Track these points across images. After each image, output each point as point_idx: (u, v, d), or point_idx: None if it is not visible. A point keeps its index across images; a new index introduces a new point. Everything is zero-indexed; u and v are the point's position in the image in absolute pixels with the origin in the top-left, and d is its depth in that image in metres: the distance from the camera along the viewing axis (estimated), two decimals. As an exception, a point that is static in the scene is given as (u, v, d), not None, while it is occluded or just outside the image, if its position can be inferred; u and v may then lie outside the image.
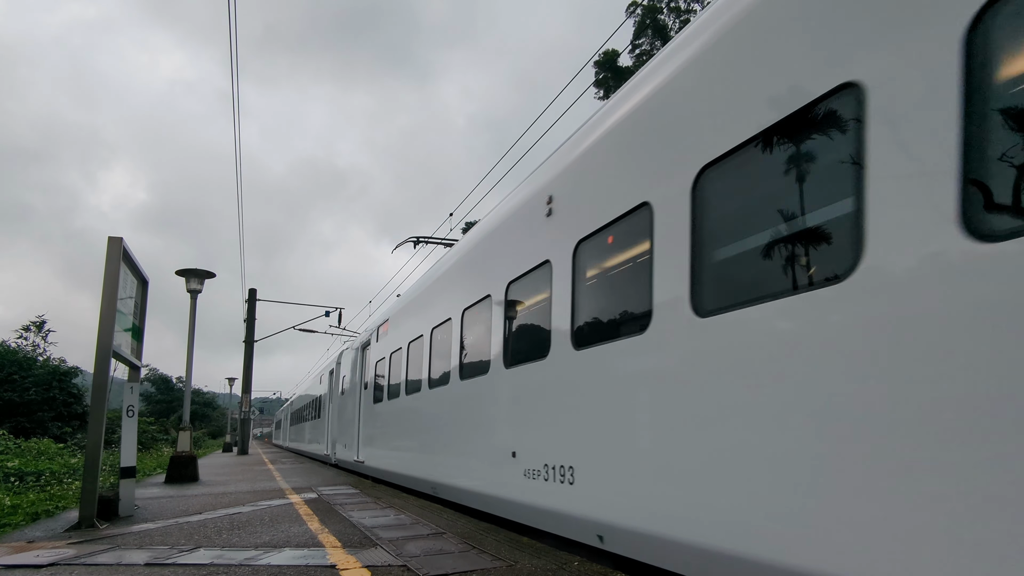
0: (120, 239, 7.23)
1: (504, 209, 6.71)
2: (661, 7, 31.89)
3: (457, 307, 7.72)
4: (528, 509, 5.34)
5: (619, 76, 30.37)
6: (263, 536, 5.97)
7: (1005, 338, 2.10)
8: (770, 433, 2.95)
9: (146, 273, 8.50)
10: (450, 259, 8.68)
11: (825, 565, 2.63)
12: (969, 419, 2.17)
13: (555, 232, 5.25)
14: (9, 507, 7.82)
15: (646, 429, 3.89)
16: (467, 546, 5.20)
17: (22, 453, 15.31)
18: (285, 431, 43.74)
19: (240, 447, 29.19)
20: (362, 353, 14.75)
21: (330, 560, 4.77)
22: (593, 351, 4.53)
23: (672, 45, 4.18)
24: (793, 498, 2.81)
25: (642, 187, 4.11)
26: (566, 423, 4.80)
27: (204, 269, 14.13)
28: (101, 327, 6.94)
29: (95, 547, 5.55)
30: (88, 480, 6.81)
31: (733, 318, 3.24)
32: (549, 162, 5.77)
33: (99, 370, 6.90)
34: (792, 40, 3.05)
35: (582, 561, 4.58)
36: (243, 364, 28.93)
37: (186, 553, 5.17)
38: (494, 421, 6.29)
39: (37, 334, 29.10)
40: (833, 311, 2.70)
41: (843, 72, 2.75)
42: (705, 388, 3.40)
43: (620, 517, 4.03)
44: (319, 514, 7.45)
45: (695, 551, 3.37)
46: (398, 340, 10.83)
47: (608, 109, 4.86)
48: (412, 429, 9.46)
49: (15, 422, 22.91)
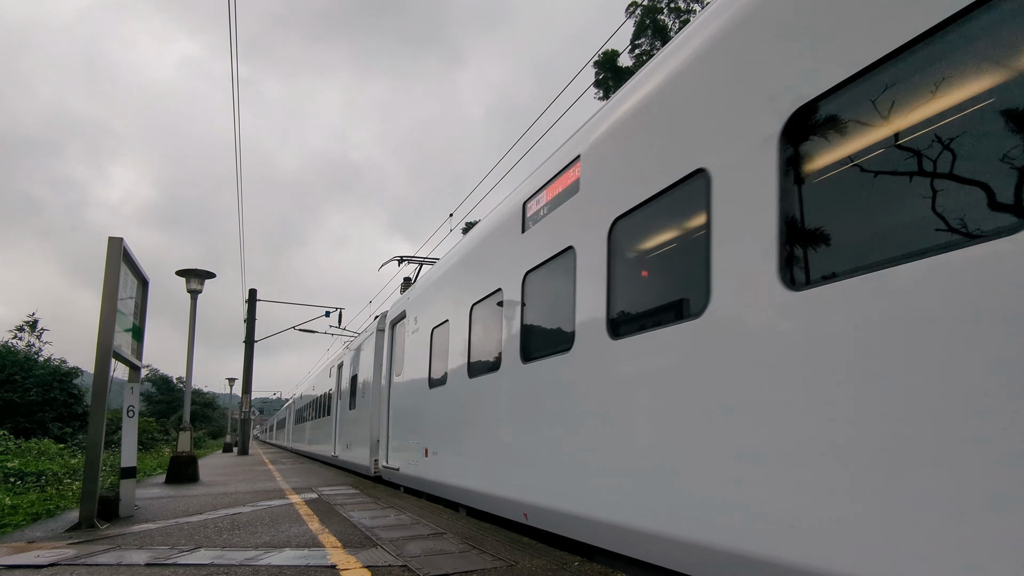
0: (120, 239, 7.24)
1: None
2: (661, 7, 31.88)
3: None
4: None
5: (619, 76, 30.36)
6: (263, 536, 5.97)
7: (805, 356, 2.83)
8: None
9: (146, 273, 8.51)
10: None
11: (619, 515, 4.10)
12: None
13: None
14: (9, 507, 7.83)
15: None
16: (467, 546, 5.20)
17: (22, 453, 15.32)
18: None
19: (240, 447, 29.19)
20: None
21: (330, 560, 4.77)
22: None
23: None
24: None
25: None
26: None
27: (204, 269, 14.17)
28: (101, 327, 6.94)
29: (95, 547, 5.55)
30: (88, 480, 6.81)
31: (633, 342, 4.12)
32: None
33: (99, 370, 6.90)
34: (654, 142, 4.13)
35: (582, 561, 4.58)
36: (243, 364, 28.96)
37: (186, 553, 5.17)
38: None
39: (31, 333, 29.12)
40: (691, 338, 3.57)
41: (696, 162, 3.64)
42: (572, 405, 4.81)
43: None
44: (319, 514, 7.46)
45: (583, 521, 4.54)
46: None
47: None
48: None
49: (15, 422, 22.92)
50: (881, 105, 2.63)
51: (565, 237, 5.20)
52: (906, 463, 2.37)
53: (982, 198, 2.27)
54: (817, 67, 2.88)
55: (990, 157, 2.25)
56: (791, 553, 2.80)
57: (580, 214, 5.01)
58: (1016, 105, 2.18)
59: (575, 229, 5.06)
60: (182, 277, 14.09)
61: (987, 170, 2.26)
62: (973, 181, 2.31)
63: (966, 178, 2.34)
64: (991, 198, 2.24)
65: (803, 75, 2.95)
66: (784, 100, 3.03)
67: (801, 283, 2.92)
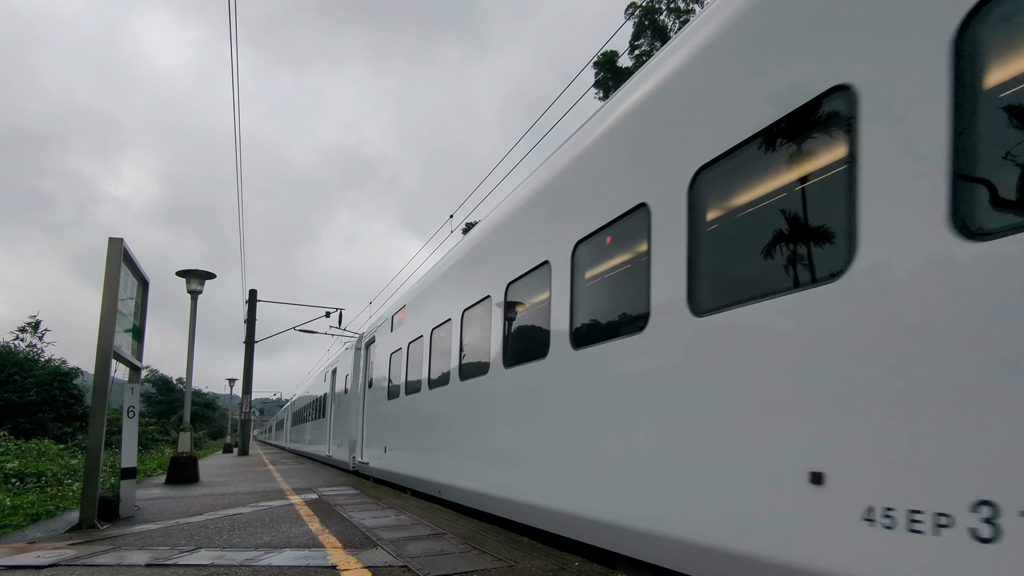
0: (120, 240, 7.24)
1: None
2: (660, 8, 31.89)
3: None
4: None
5: (619, 77, 30.37)
6: (264, 537, 5.97)
7: (706, 368, 3.46)
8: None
9: (147, 274, 8.51)
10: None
11: (528, 495, 5.46)
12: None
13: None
14: (9, 508, 7.83)
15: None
16: (468, 546, 5.20)
17: (22, 454, 15.33)
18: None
19: (240, 448, 29.17)
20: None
21: (331, 561, 4.77)
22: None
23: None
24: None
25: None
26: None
27: (204, 270, 14.17)
28: (102, 328, 6.94)
29: (96, 548, 5.55)
30: (89, 481, 6.81)
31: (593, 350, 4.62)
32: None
33: (99, 371, 6.90)
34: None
35: (583, 562, 4.58)
36: (243, 365, 28.94)
37: (187, 554, 5.17)
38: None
39: (33, 334, 29.11)
40: (636, 349, 4.10)
41: (638, 197, 4.18)
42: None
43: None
44: (320, 515, 7.46)
45: (479, 496, 6.67)
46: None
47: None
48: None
49: (15, 423, 22.92)
50: (756, 169, 3.30)
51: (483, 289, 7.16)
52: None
53: (806, 252, 3.00)
54: (713, 137, 3.55)
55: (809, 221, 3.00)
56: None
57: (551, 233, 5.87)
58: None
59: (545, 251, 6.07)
60: (182, 278, 14.09)
61: (806, 230, 3.01)
62: (799, 237, 3.02)
63: (797, 235, 3.04)
64: (809, 253, 2.98)
65: (704, 143, 3.62)
66: (691, 160, 3.72)
67: (701, 311, 3.52)
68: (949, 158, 2.33)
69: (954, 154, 2.32)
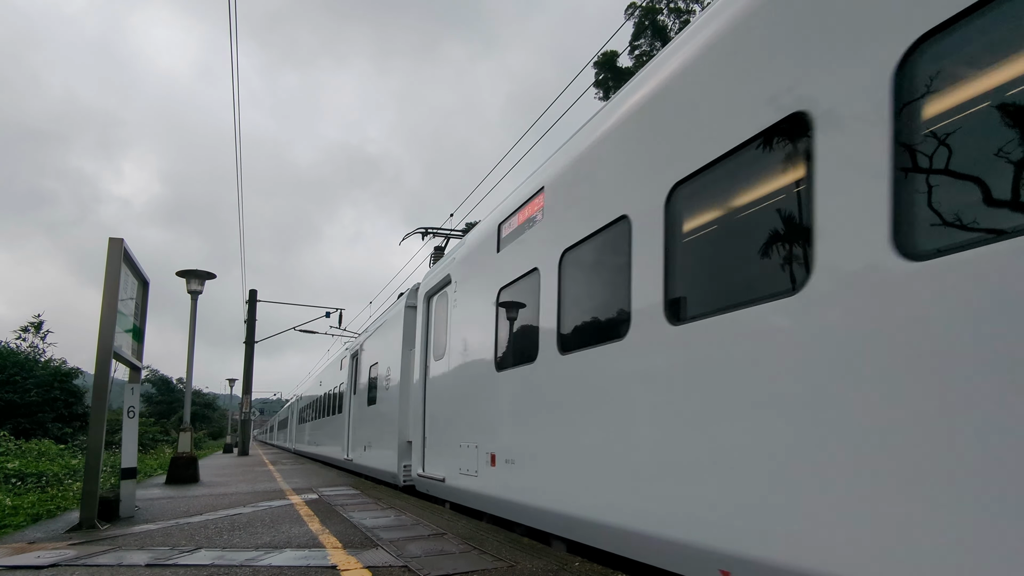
0: (121, 240, 7.24)
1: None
2: (660, 8, 31.88)
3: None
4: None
5: (619, 77, 30.37)
6: (264, 537, 5.97)
7: (689, 375, 3.62)
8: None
9: (147, 274, 8.51)
10: None
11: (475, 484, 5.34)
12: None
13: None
14: (10, 508, 7.83)
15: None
16: (468, 547, 5.20)
17: (23, 454, 15.32)
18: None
19: (240, 448, 29.17)
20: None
21: (331, 561, 4.77)
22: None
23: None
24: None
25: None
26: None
27: (204, 270, 14.17)
28: (102, 328, 6.94)
29: (96, 548, 5.55)
30: (89, 481, 6.81)
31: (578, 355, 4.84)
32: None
33: (100, 371, 6.90)
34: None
35: (583, 562, 4.58)
36: (243, 365, 28.96)
37: (187, 554, 5.17)
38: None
39: (35, 335, 29.09)
40: (617, 354, 4.31)
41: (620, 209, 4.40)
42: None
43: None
44: (320, 515, 7.46)
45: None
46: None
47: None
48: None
49: (16, 423, 22.92)
50: (730, 186, 3.49)
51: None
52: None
53: (769, 266, 3.20)
54: (687, 154, 3.75)
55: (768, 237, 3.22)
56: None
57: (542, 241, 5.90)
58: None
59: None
60: (182, 278, 14.09)
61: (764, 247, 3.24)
62: (762, 252, 3.22)
63: (760, 250, 3.25)
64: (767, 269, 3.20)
65: (678, 160, 3.82)
66: (667, 176, 3.92)
67: (676, 320, 3.74)
68: (890, 183, 2.52)
69: (894, 180, 2.51)
